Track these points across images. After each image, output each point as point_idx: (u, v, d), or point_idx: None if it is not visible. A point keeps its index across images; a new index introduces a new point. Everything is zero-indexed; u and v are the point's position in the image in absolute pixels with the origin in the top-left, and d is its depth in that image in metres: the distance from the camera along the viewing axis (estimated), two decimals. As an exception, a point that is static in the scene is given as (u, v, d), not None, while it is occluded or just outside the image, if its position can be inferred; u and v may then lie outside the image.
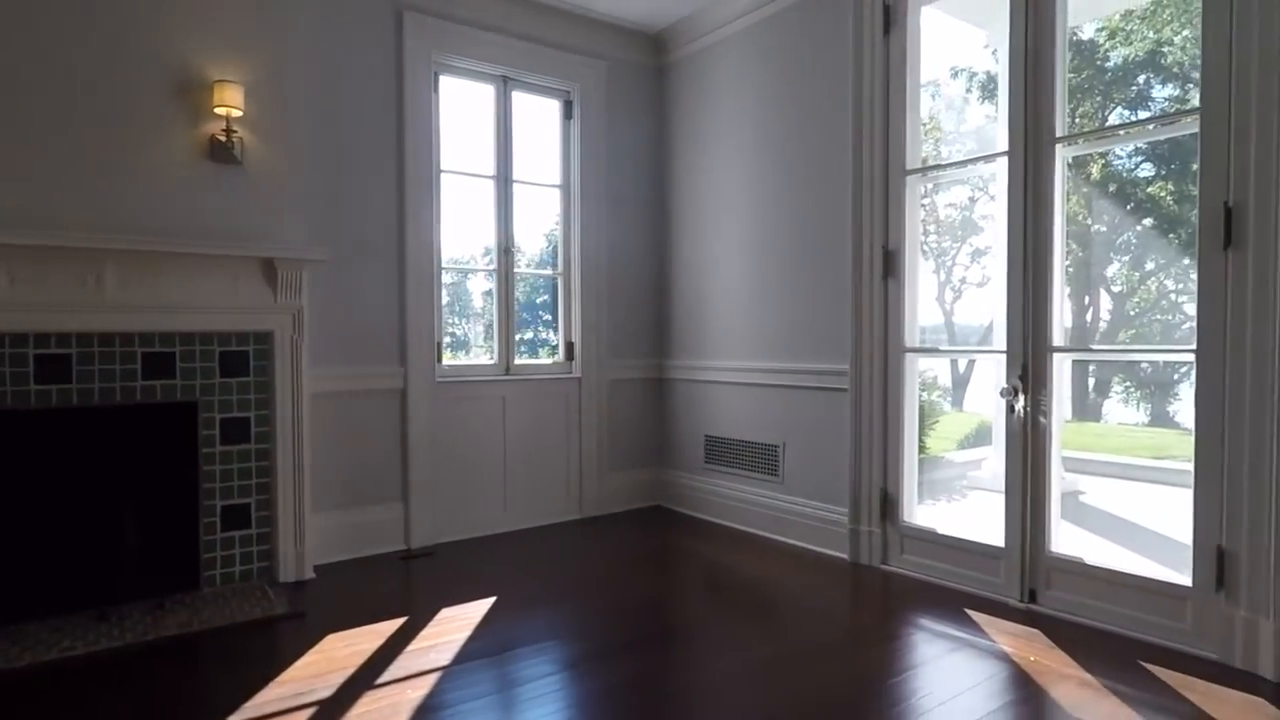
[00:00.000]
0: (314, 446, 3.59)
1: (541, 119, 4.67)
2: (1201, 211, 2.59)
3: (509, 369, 4.49)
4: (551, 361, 4.75)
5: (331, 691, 2.39)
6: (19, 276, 2.87)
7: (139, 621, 2.90)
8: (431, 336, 4.10)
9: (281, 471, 3.41)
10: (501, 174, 4.45)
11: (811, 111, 3.96)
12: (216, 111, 3.22)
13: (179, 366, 3.22)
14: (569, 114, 4.69)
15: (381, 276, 3.95)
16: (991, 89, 5.55)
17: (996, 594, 3.18)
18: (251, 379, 3.38)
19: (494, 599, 3.24)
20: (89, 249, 2.94)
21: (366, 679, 2.48)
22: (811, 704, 2.32)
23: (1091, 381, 6.64)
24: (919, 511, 3.66)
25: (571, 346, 4.72)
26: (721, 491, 4.56)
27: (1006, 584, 3.15)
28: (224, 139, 3.25)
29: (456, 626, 2.94)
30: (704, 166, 4.65)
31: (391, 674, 2.52)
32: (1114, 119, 5.43)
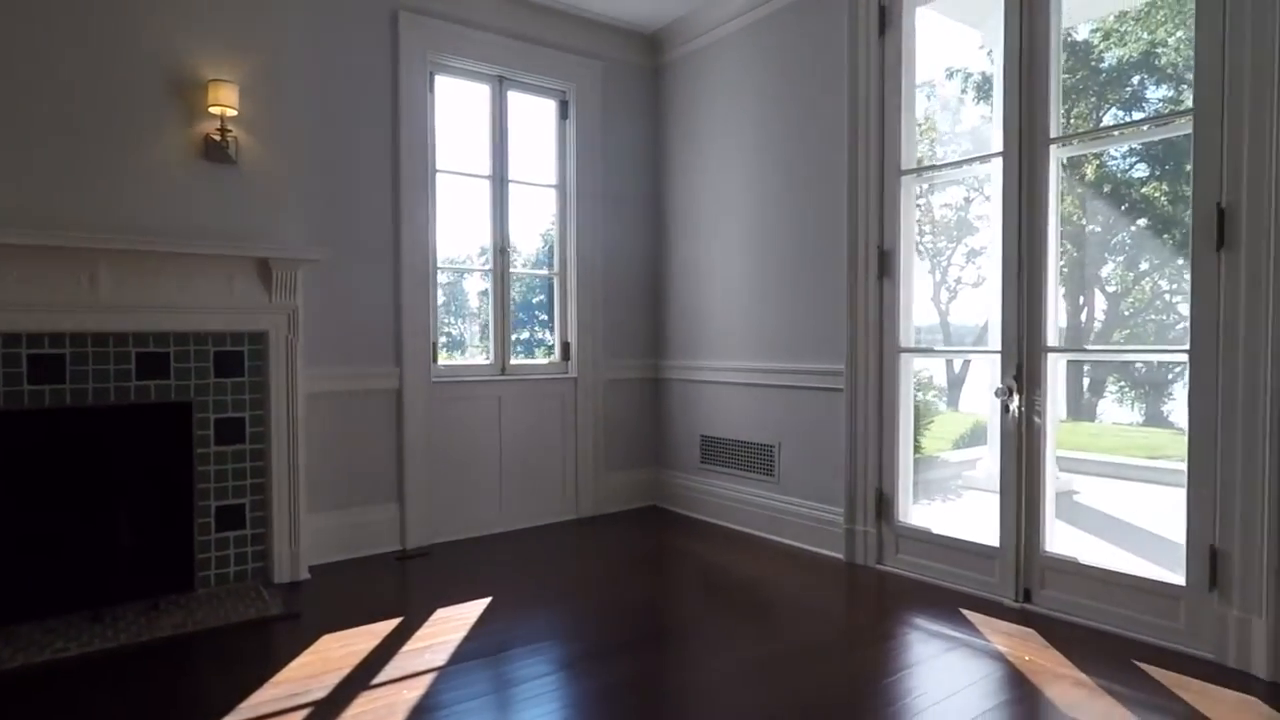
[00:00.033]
0: (309, 447, 3.58)
1: (537, 119, 4.67)
2: (1195, 212, 2.60)
3: (505, 369, 4.49)
4: (547, 362, 4.75)
5: (327, 692, 2.39)
6: (12, 276, 2.85)
7: (133, 622, 2.89)
8: (427, 336, 4.09)
9: (276, 472, 3.41)
10: (497, 174, 4.44)
11: (807, 112, 3.97)
12: (211, 111, 3.21)
13: (173, 367, 3.21)
14: (565, 114, 4.69)
15: (377, 276, 3.94)
16: (987, 89, 5.56)
17: (991, 593, 3.19)
18: (246, 379, 3.37)
19: (490, 599, 3.24)
20: (82, 249, 2.93)
21: (362, 679, 2.48)
22: (808, 704, 2.32)
23: (1086, 381, 6.66)
24: (914, 511, 3.67)
25: (567, 346, 4.72)
26: (717, 491, 4.57)
27: (1001, 584, 3.16)
28: (219, 138, 3.24)
29: (452, 627, 2.93)
30: (699, 167, 4.66)
31: (387, 674, 2.52)
32: (1108, 120, 5.45)
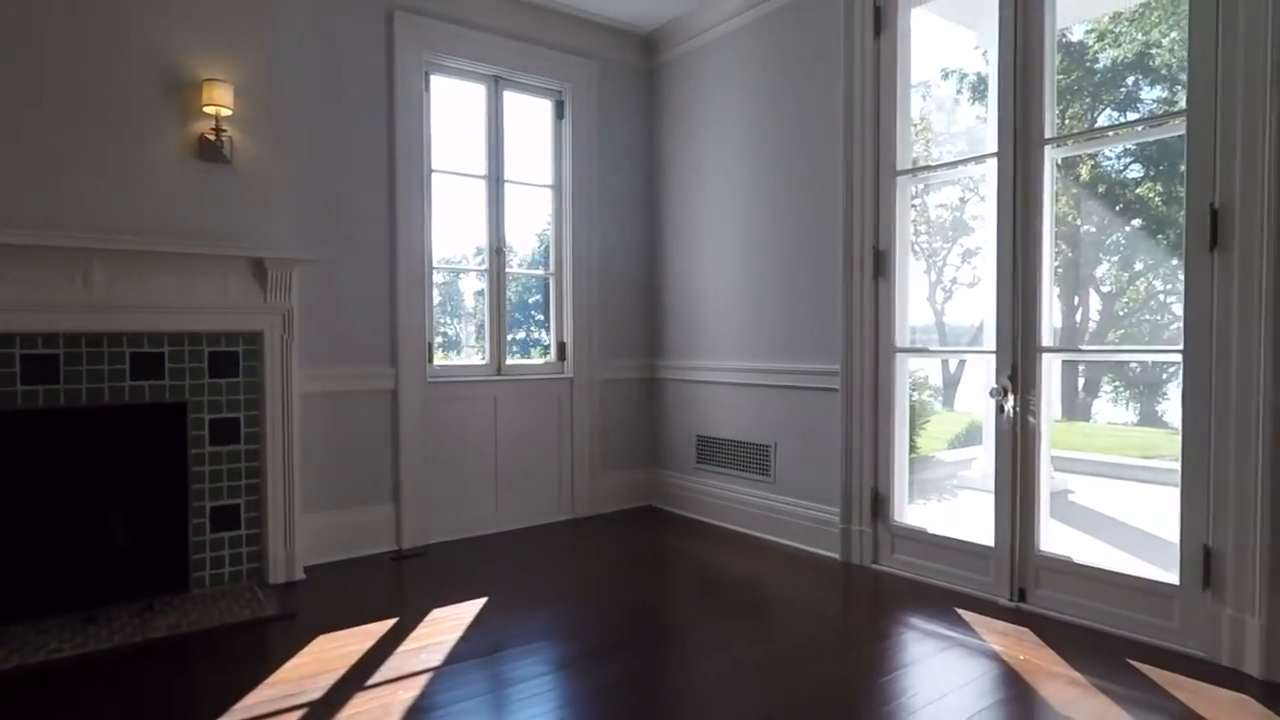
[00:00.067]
0: (304, 447, 3.58)
1: (533, 119, 4.66)
2: (1188, 213, 2.61)
3: (501, 369, 4.48)
4: (543, 362, 4.74)
5: (322, 693, 2.39)
6: (5, 276, 2.84)
7: (127, 623, 2.88)
8: (423, 336, 4.09)
9: (271, 472, 3.40)
10: (493, 174, 4.44)
11: (803, 112, 3.97)
12: (205, 110, 3.21)
13: (168, 367, 3.20)
14: (561, 114, 4.69)
15: (372, 276, 3.93)
16: (982, 90, 5.58)
17: (986, 593, 3.20)
18: (241, 379, 3.36)
19: (485, 599, 3.24)
20: (76, 248, 2.92)
21: (357, 680, 2.48)
22: (803, 703, 2.33)
23: (1081, 381, 6.68)
24: (910, 511, 3.68)
25: (563, 346, 4.72)
26: (713, 491, 4.57)
27: (996, 583, 3.17)
28: (213, 138, 3.23)
29: (448, 627, 2.93)
30: (695, 167, 4.66)
31: (382, 675, 2.52)
32: (1103, 120, 5.47)
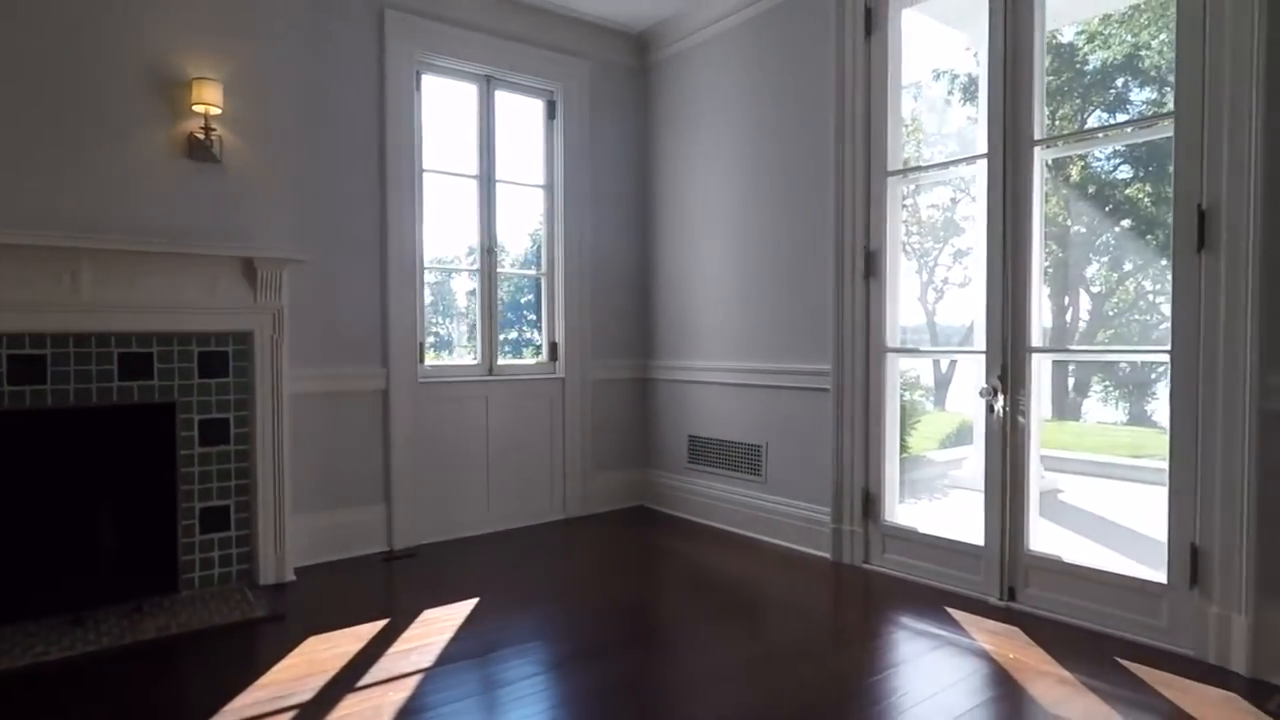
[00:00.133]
0: (294, 447, 3.56)
1: (525, 119, 4.66)
2: (1175, 214, 2.62)
3: (492, 369, 4.48)
4: (535, 362, 4.74)
5: (312, 695, 2.38)
6: (-8, 276, 2.82)
7: (115, 625, 2.87)
8: (414, 337, 4.08)
9: (261, 473, 3.39)
10: (485, 173, 4.43)
11: (794, 113, 3.98)
12: (195, 109, 3.19)
13: (157, 367, 3.18)
14: (552, 114, 4.68)
15: (363, 276, 3.92)
16: (973, 91, 5.59)
17: (976, 592, 3.21)
18: (231, 380, 3.35)
19: (477, 600, 3.23)
20: (64, 248, 2.90)
21: (347, 682, 2.47)
22: (794, 703, 2.33)
23: (1071, 381, 6.71)
24: (900, 511, 3.69)
25: (555, 347, 4.71)
26: (705, 491, 4.57)
27: (986, 582, 3.18)
28: (203, 137, 3.21)
29: (439, 628, 2.92)
30: (687, 167, 4.66)
31: (373, 676, 2.51)
32: (1093, 121, 5.49)
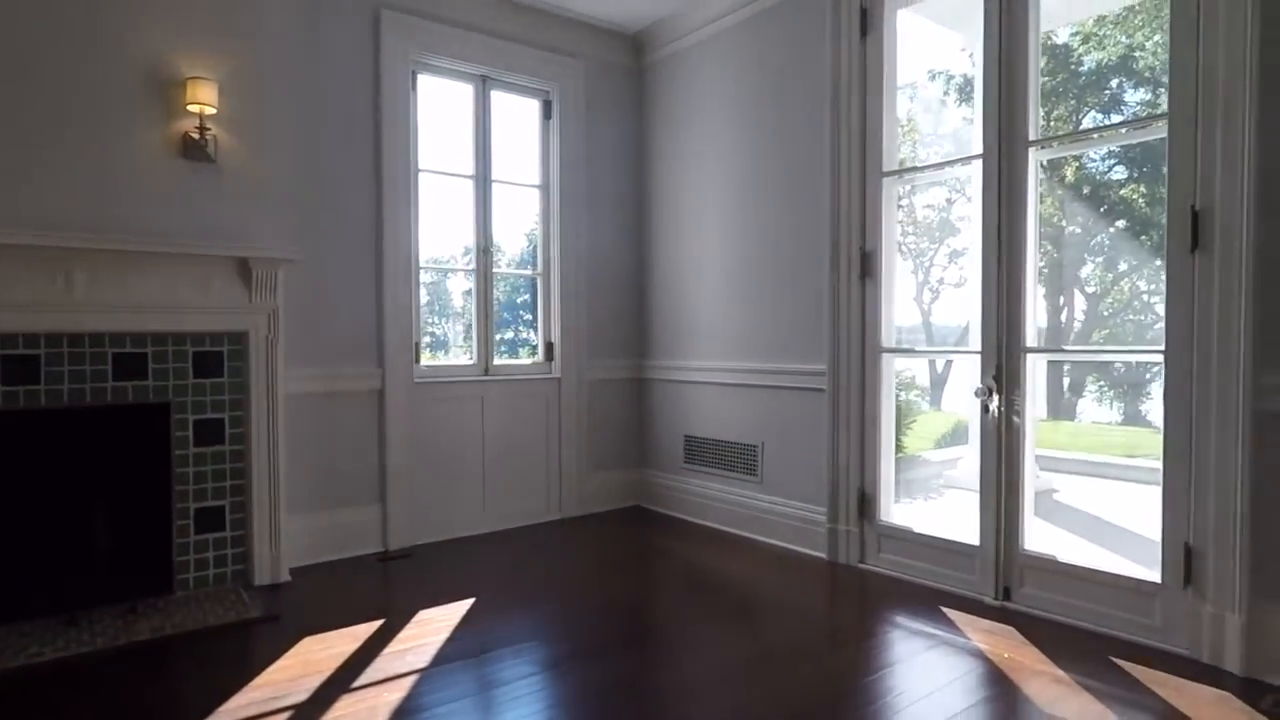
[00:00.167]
0: (289, 448, 3.55)
1: (521, 119, 4.65)
2: (1169, 215, 2.63)
3: (488, 369, 4.47)
4: (531, 362, 4.73)
5: (307, 695, 2.37)
6: (-15, 276, 2.81)
7: (110, 626, 2.86)
8: (410, 337, 4.07)
9: (256, 473, 3.38)
10: (480, 173, 4.43)
11: (790, 113, 3.98)
12: (190, 109, 3.18)
13: (151, 367, 3.17)
14: (548, 114, 4.68)
15: (359, 276, 3.91)
16: (968, 92, 5.60)
17: (972, 592, 3.22)
18: (226, 380, 3.34)
19: (472, 600, 3.23)
20: (58, 248, 2.89)
21: (343, 682, 2.46)
22: (790, 702, 2.33)
23: (1066, 381, 6.73)
24: (896, 510, 3.69)
25: (551, 347, 4.71)
26: (701, 491, 4.57)
27: (981, 582, 3.19)
28: (197, 136, 3.20)
29: (435, 628, 2.92)
30: (683, 167, 4.66)
31: (368, 677, 2.51)
32: (1088, 122, 5.51)
